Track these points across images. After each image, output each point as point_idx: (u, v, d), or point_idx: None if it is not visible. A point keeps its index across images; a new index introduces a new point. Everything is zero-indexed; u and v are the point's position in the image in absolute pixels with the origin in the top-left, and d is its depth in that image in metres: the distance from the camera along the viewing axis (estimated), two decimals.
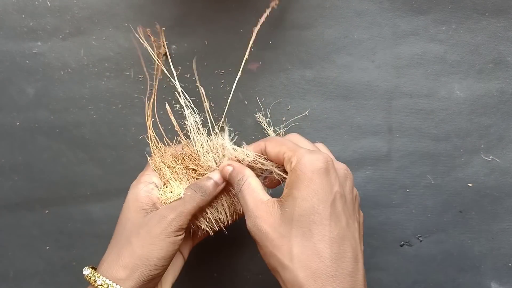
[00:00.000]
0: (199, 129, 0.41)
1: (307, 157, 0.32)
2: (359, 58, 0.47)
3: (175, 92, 0.46)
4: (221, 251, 0.48)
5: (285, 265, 0.31)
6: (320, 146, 0.40)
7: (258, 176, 0.38)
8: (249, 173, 0.37)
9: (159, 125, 0.44)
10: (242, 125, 0.48)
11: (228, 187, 0.40)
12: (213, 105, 0.48)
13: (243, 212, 0.40)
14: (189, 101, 0.42)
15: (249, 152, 0.39)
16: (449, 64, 0.46)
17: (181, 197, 0.37)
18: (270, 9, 0.42)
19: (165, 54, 0.47)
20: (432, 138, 0.47)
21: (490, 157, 0.46)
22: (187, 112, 0.41)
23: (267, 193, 0.36)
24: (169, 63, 0.46)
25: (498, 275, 0.46)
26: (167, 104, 0.43)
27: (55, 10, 0.48)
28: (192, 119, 0.41)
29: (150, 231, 0.35)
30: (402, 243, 0.47)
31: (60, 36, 0.48)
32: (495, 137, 0.46)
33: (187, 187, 0.38)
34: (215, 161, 0.40)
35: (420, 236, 0.47)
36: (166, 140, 0.43)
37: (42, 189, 0.49)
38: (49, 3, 0.48)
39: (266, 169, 0.39)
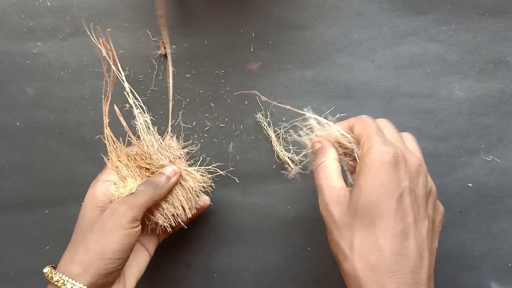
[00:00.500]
0: (149, 129, 0.41)
1: (378, 147, 0.31)
2: (359, 58, 0.47)
3: (174, 92, 0.46)
4: (221, 250, 0.48)
5: (345, 255, 0.31)
6: (408, 136, 0.37)
7: (348, 155, 0.37)
8: (330, 154, 0.36)
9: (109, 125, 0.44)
10: (242, 125, 0.48)
11: (182, 182, 0.41)
12: (213, 105, 0.48)
13: (201, 208, 0.41)
14: (138, 100, 0.42)
15: (334, 127, 0.38)
16: (449, 64, 0.46)
17: (133, 192, 0.38)
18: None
19: (165, 55, 0.47)
20: (432, 138, 0.47)
21: (490, 157, 0.46)
22: (136, 111, 0.41)
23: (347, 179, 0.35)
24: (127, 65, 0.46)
25: (498, 275, 0.46)
26: (115, 105, 0.43)
27: (55, 10, 0.48)
28: (141, 119, 0.41)
29: (103, 225, 0.35)
30: None
31: (60, 36, 0.48)
32: (495, 137, 0.46)
33: (140, 183, 0.39)
34: (168, 158, 0.41)
35: None
36: (121, 139, 0.42)
37: (42, 189, 0.49)
38: (49, 3, 0.48)
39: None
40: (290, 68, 0.47)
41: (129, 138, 0.41)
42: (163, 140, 0.42)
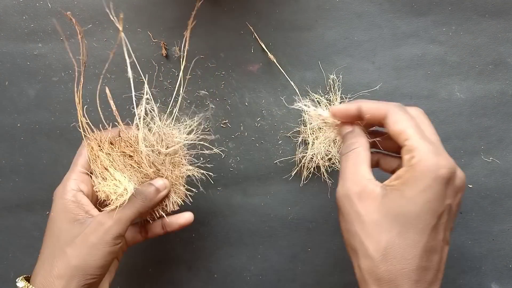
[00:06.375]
0: (150, 116, 0.39)
1: (433, 160, 0.30)
2: (359, 60, 0.47)
3: (177, 95, 0.46)
4: (221, 251, 0.48)
5: (367, 253, 0.30)
6: (424, 121, 0.34)
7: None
8: (365, 143, 0.34)
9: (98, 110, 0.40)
10: (242, 126, 0.48)
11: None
12: (213, 106, 0.48)
13: (183, 224, 0.40)
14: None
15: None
16: (449, 65, 0.47)
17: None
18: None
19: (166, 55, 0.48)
20: None
21: (490, 158, 0.46)
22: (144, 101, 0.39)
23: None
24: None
25: (499, 276, 0.46)
26: (107, 88, 0.39)
27: (56, 12, 0.48)
28: (144, 106, 0.39)
29: (87, 240, 0.34)
30: None
31: (61, 38, 0.48)
32: (495, 138, 0.46)
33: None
34: (156, 151, 0.38)
35: None
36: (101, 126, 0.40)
37: (42, 191, 0.49)
38: (50, 5, 0.48)
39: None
40: (290, 70, 0.47)
41: (115, 123, 0.39)
42: (167, 125, 0.40)
